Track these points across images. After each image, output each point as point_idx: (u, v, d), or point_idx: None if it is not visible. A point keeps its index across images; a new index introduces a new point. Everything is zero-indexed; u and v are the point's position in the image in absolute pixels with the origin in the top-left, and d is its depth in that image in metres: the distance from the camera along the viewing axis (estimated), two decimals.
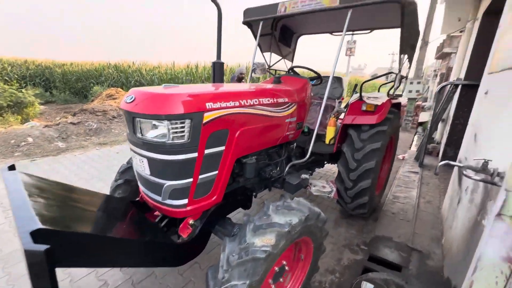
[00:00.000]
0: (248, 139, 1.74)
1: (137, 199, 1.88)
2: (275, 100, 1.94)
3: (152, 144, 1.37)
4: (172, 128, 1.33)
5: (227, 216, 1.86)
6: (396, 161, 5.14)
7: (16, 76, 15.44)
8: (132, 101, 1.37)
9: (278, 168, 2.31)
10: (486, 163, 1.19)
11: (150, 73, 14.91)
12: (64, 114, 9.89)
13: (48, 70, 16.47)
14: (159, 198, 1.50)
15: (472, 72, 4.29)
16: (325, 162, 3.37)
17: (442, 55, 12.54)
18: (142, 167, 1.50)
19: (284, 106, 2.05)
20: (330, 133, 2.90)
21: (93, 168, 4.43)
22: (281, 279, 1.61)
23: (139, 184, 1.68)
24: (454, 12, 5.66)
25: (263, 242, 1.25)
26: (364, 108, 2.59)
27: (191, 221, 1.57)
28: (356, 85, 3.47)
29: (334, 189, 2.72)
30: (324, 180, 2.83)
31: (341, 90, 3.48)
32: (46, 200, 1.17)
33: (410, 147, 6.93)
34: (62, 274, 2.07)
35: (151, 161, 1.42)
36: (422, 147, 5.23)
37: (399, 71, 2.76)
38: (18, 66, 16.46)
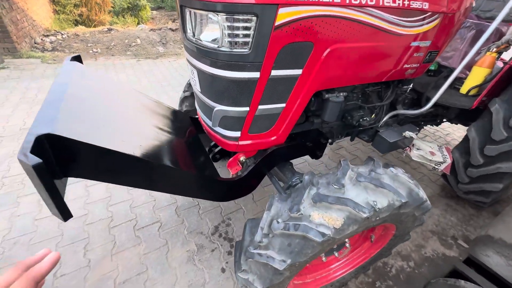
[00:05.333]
0: (341, 63, 1.14)
1: (197, 116, 1.71)
2: (405, 2, 1.14)
3: (202, 50, 1.00)
4: (228, 28, 0.89)
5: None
6: None
7: None
8: None
9: (373, 115, 1.65)
10: None
11: None
12: (171, 20, 10.57)
13: None
14: (210, 123, 1.23)
15: None
16: (444, 120, 2.37)
17: None
18: (194, 81, 1.20)
19: (417, 18, 1.22)
20: (475, 77, 1.85)
21: (181, 76, 4.66)
22: (336, 254, 1.29)
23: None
24: None
25: (324, 220, 0.86)
26: None
27: (241, 158, 1.30)
28: None
29: (449, 160, 1.90)
30: (435, 144, 2.00)
31: None
32: (94, 101, 1.05)
33: None
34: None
35: (200, 74, 1.09)
36: None
37: None
38: None
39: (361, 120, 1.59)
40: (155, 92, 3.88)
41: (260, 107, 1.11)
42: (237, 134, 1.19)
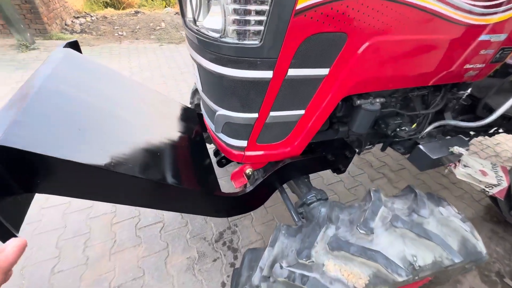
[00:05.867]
0: (383, 62, 0.88)
1: None
2: None
3: (202, 41, 0.79)
4: (234, 12, 0.67)
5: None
6: None
7: None
8: None
9: (414, 125, 1.36)
10: None
11: None
12: None
13: None
14: (212, 128, 1.05)
15: None
16: (500, 130, 1.97)
17: None
18: (196, 78, 1.01)
19: (494, 2, 0.90)
20: None
21: None
22: None
23: None
24: None
25: (342, 274, 0.65)
26: None
27: (248, 170, 1.10)
28: None
29: (505, 183, 1.55)
30: (488, 162, 1.64)
31: None
32: (79, 97, 0.90)
33: None
34: None
35: (201, 71, 0.89)
36: None
37: None
38: None
39: (398, 129, 1.30)
40: (174, 79, 3.77)
41: (272, 113, 0.90)
42: (243, 143, 0.99)
